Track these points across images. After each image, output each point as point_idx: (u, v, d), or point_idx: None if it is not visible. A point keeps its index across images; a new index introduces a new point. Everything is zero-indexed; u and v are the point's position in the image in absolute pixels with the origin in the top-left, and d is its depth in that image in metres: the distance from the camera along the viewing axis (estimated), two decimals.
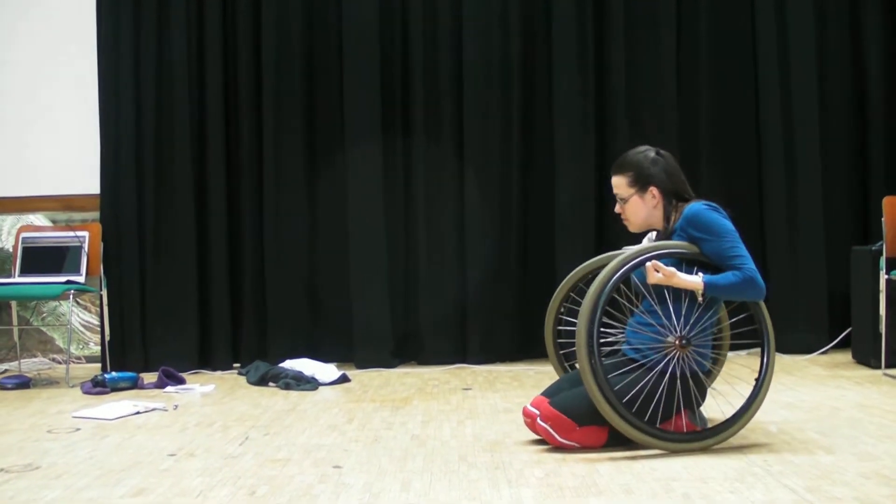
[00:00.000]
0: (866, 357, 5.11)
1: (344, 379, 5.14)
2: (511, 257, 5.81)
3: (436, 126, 5.83)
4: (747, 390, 3.39)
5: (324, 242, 5.87)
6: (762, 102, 5.81)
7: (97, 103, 5.83)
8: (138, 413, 4.29)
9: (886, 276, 4.87)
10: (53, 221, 6.02)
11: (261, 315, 5.83)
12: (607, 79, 5.82)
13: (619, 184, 3.52)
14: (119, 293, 5.75)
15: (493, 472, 3.07)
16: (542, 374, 5.11)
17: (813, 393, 4.40)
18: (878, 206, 5.16)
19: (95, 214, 5.87)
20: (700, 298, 3.29)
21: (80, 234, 5.61)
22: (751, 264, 3.32)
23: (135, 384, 5.08)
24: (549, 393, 3.47)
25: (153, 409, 4.37)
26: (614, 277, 3.30)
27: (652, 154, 3.52)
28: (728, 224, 3.38)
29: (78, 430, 3.98)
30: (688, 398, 3.32)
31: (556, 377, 3.77)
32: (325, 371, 5.14)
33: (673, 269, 3.27)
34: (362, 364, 5.66)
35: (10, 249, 5.90)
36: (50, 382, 5.34)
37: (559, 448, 3.31)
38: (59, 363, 5.96)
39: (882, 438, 3.39)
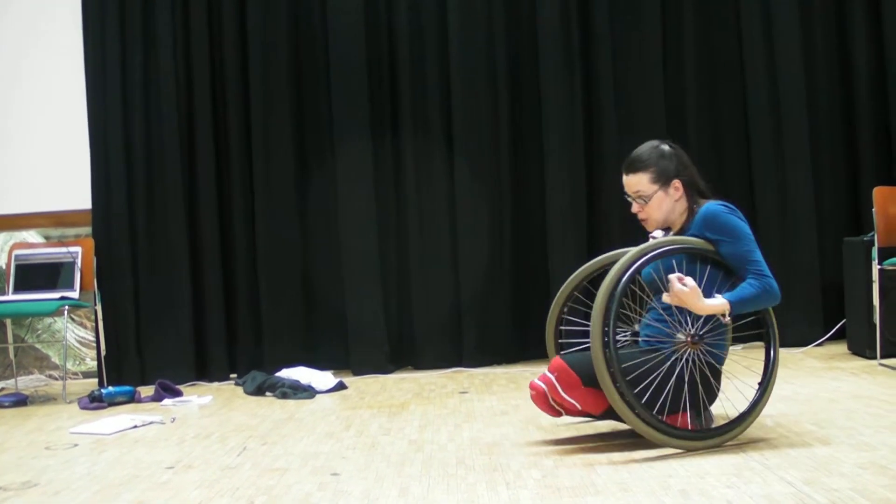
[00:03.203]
0: (861, 348, 5.11)
1: (341, 386, 5.15)
2: (504, 258, 5.81)
3: (424, 128, 5.84)
4: (747, 387, 3.39)
5: (316, 250, 5.88)
6: (749, 96, 5.80)
7: (86, 118, 5.83)
8: (136, 427, 4.29)
9: (879, 266, 4.88)
10: (46, 237, 6.01)
11: (256, 325, 5.83)
12: (595, 80, 5.82)
13: (640, 182, 3.38)
14: (113, 307, 5.75)
15: (490, 475, 3.07)
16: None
17: (809, 385, 4.41)
18: (868, 196, 5.17)
19: (88, 229, 5.87)
20: (726, 318, 3.20)
21: (72, 249, 5.61)
22: (767, 271, 3.24)
23: (132, 398, 5.08)
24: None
25: (151, 423, 4.37)
26: (630, 270, 3.20)
27: (666, 147, 3.42)
28: (745, 227, 3.30)
29: (76, 445, 3.97)
30: (695, 397, 3.26)
31: None
32: (321, 379, 5.14)
33: (696, 291, 3.14)
34: (359, 371, 5.66)
35: (3, 267, 5.89)
36: (47, 399, 5.34)
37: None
38: (56, 379, 5.95)
39: (879, 429, 3.40)
